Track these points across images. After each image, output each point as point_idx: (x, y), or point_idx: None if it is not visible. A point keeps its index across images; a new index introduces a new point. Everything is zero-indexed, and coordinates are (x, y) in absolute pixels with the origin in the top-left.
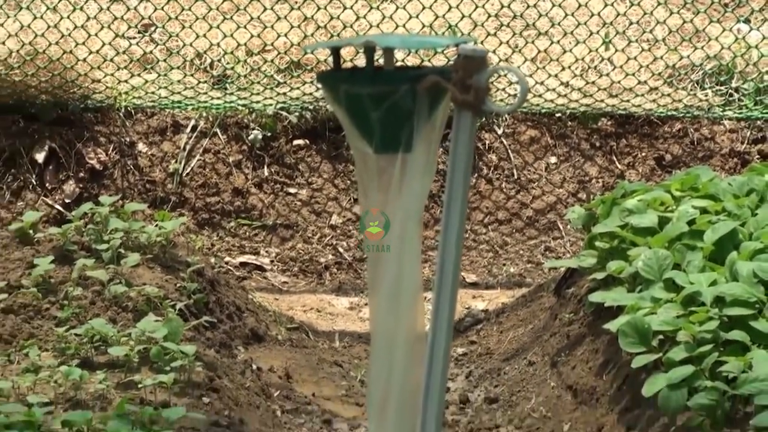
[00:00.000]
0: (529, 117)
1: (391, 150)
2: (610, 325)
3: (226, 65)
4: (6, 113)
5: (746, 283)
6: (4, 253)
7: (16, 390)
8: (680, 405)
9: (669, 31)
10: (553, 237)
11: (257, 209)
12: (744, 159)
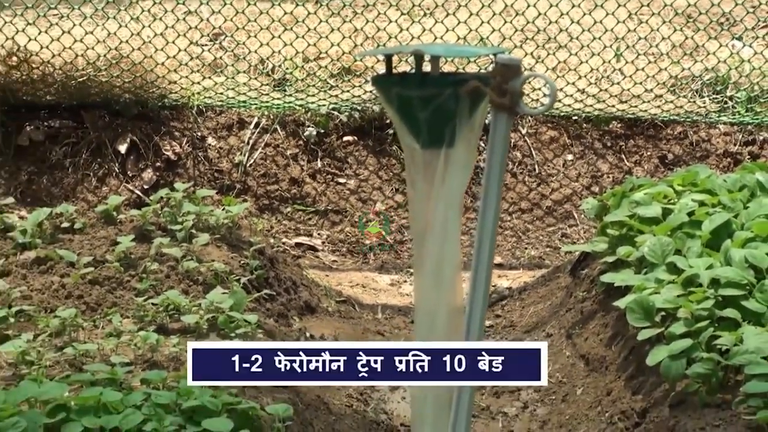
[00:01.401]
0: (549, 119)
1: (436, 146)
2: (619, 303)
3: (286, 70)
4: (94, 109)
5: (739, 268)
6: (91, 231)
7: (100, 351)
8: (680, 373)
9: (672, 46)
10: (569, 225)
11: (311, 196)
12: (736, 159)
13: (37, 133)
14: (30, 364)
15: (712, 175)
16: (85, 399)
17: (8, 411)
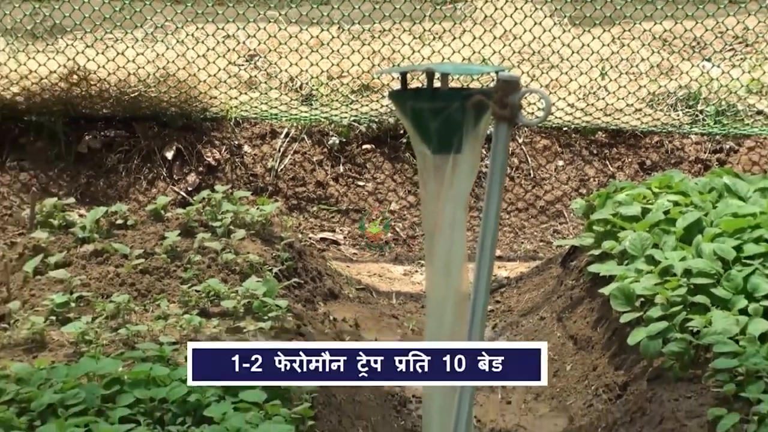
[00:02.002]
0: (543, 130)
1: (445, 152)
2: (604, 290)
3: (312, 87)
4: (144, 121)
5: (708, 260)
6: (142, 227)
7: (150, 332)
8: (657, 351)
9: (650, 66)
10: (560, 222)
11: (334, 197)
12: (706, 165)
13: (94, 141)
14: (89, 343)
15: (685, 179)
16: (136, 373)
17: (70, 384)
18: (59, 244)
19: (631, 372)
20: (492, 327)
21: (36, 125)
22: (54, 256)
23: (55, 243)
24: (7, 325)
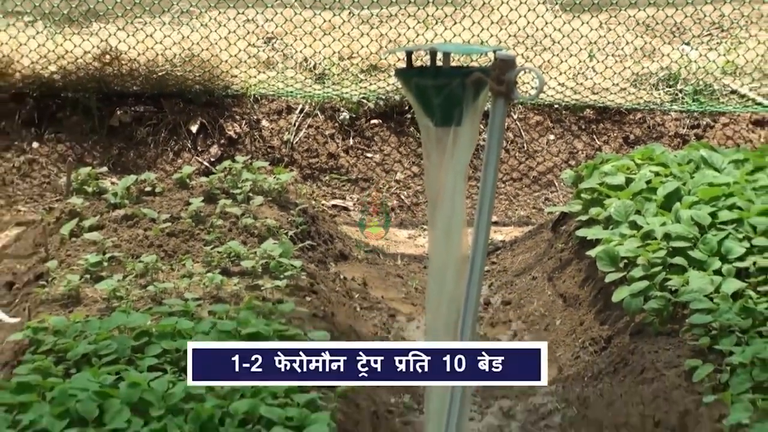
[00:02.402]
0: (536, 106)
1: (447, 125)
2: (591, 252)
3: (325, 67)
4: (171, 97)
5: (686, 225)
6: (169, 194)
7: (176, 289)
8: (638, 308)
9: (634, 49)
10: (551, 191)
11: (344, 167)
12: (684, 139)
13: (125, 116)
14: (120, 299)
15: (665, 151)
16: (163, 326)
17: (103, 335)
18: (93, 209)
19: (615, 327)
20: (488, 286)
21: (72, 101)
22: (88, 220)
23: (89, 208)
24: (45, 282)
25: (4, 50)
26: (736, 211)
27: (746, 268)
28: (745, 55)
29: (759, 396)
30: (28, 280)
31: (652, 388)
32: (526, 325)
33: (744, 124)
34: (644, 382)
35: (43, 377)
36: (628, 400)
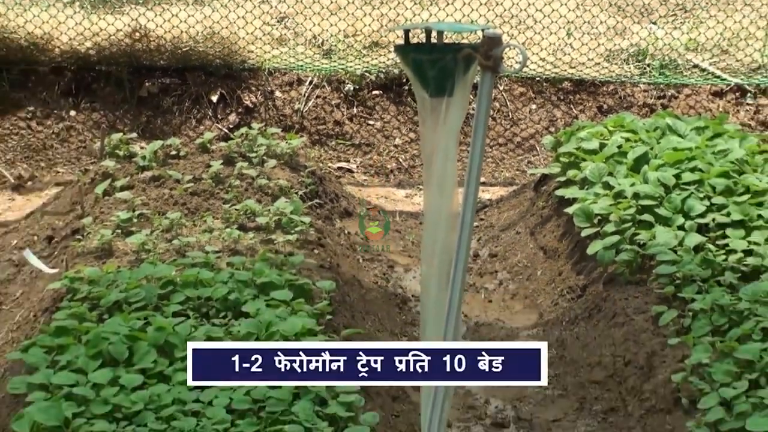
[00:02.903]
0: (520, 79)
1: (440, 95)
2: (568, 210)
3: (331, 43)
4: (194, 71)
5: (653, 185)
6: (191, 158)
7: (198, 243)
8: (610, 260)
9: (608, 28)
10: (533, 155)
11: (349, 134)
12: (652, 108)
13: (153, 87)
14: (148, 251)
15: (634, 120)
16: (186, 276)
17: (133, 284)
18: (124, 171)
19: (590, 276)
20: (477, 239)
21: (105, 74)
22: (119, 181)
23: (120, 170)
24: (81, 236)
25: (45, 28)
26: (698, 172)
27: (706, 224)
28: (706, 33)
29: (717, 339)
30: (65, 234)
31: (622, 331)
32: (510, 275)
33: (704, 95)
34: (615, 326)
35: (79, 322)
36: (601, 342)
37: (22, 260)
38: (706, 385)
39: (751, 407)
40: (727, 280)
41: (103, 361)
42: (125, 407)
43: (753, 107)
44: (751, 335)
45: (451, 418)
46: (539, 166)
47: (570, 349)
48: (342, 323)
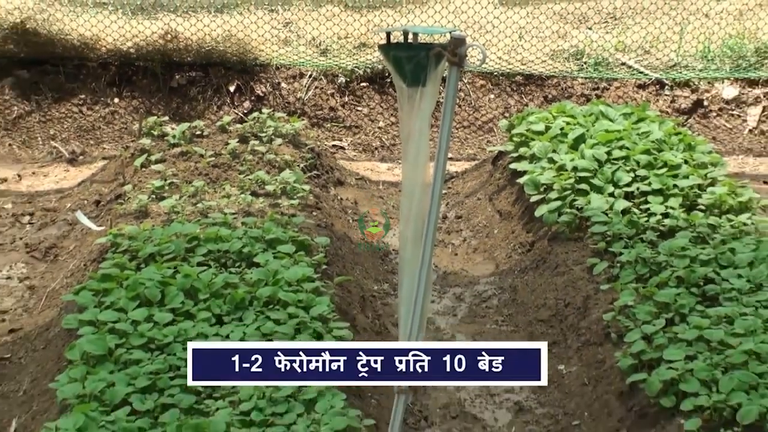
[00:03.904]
0: (480, 74)
1: (415, 85)
2: (520, 180)
3: (327, 44)
4: (215, 66)
5: (588, 160)
6: (213, 137)
7: (218, 206)
8: (554, 220)
9: (552, 32)
10: (491, 135)
11: (341, 118)
12: (588, 98)
13: (181, 79)
14: (177, 213)
15: (573, 107)
16: (208, 233)
17: (164, 240)
18: (157, 147)
19: (537, 234)
20: (445, 204)
21: (142, 68)
22: (154, 155)
23: (154, 146)
24: (122, 201)
25: (94, 31)
26: (625, 150)
27: (632, 192)
28: (632, 37)
29: (640, 285)
30: (110, 199)
31: (563, 279)
32: (472, 233)
33: (630, 88)
34: (558, 275)
35: (120, 270)
36: (546, 288)
37: (75, 220)
38: (631, 322)
39: (667, 341)
40: (648, 237)
41: (140, 302)
42: (158, 339)
43: (669, 97)
44: (667, 282)
45: None
46: (496, 145)
47: (521, 293)
48: (335, 272)
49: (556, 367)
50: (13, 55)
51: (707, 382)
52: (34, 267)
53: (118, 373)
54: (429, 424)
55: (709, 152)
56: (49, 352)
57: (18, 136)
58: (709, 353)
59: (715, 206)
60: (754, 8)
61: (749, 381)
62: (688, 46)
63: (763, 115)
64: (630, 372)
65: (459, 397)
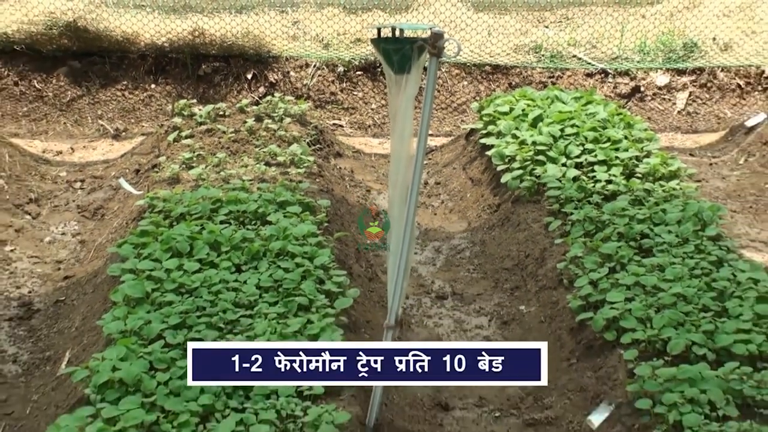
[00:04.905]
0: (456, 64)
1: (402, 72)
2: (488, 153)
3: (329, 39)
4: (235, 57)
5: (545, 136)
6: (233, 116)
7: (237, 174)
8: (516, 186)
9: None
10: (465, 115)
11: (340, 101)
12: (545, 84)
13: (207, 69)
14: (203, 180)
15: (533, 92)
16: (229, 197)
17: (193, 202)
18: (187, 125)
19: (502, 198)
20: (427, 172)
21: (175, 59)
22: (184, 132)
23: (185, 124)
24: (158, 169)
25: (134, 28)
26: (575, 127)
27: (581, 162)
28: (581, 34)
29: (588, 240)
30: (147, 168)
31: (524, 234)
32: (449, 196)
33: (580, 76)
34: (519, 231)
35: (156, 227)
36: (509, 242)
37: (118, 186)
38: (580, 270)
39: (609, 285)
40: (595, 200)
41: (172, 253)
42: (187, 284)
43: (612, 84)
44: (610, 237)
45: (409, 293)
46: (469, 124)
47: (488, 246)
48: (335, 228)
49: (518, 308)
50: (66, 49)
51: (643, 320)
52: (85, 225)
53: (153, 312)
54: None
55: (645, 129)
56: (96, 295)
57: (71, 116)
58: (644, 296)
59: (650, 174)
60: (682, 10)
61: (677, 319)
62: (628, 41)
63: (689, 99)
64: (579, 311)
65: (437, 332)
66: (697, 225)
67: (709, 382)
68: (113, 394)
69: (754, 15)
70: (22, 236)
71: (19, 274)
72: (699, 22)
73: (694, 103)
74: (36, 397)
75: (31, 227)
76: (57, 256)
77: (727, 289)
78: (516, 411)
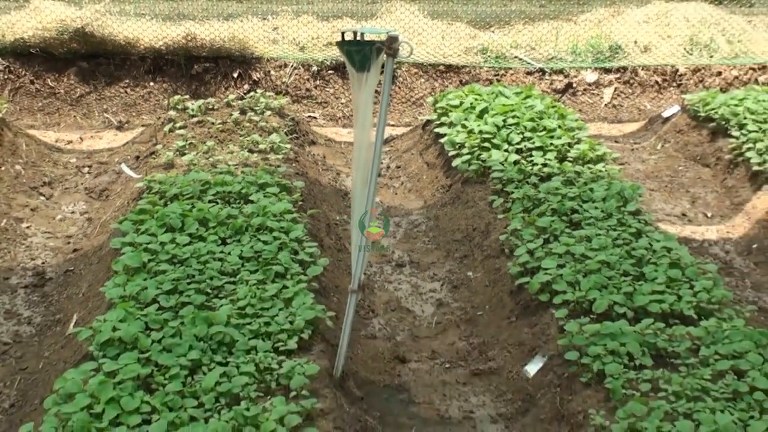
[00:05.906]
0: (414, 64)
1: (363, 70)
2: (442, 141)
3: (304, 43)
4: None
5: (491, 126)
6: (221, 109)
7: (224, 160)
8: (465, 169)
9: (466, 34)
10: (422, 108)
11: (315, 95)
12: (491, 81)
13: (199, 68)
14: (194, 165)
15: (480, 88)
16: (217, 179)
17: (185, 184)
18: (181, 117)
19: (453, 179)
20: (388, 158)
21: (171, 60)
22: (178, 123)
23: (179, 117)
24: (155, 156)
25: (135, 33)
26: (516, 118)
27: (521, 148)
28: (522, 37)
29: (526, 215)
30: (146, 155)
31: (472, 210)
32: (408, 178)
33: (521, 74)
34: (468, 208)
35: (152, 206)
36: (459, 217)
37: (121, 170)
38: (519, 241)
39: (544, 254)
40: (532, 181)
41: (166, 228)
42: (179, 255)
43: (548, 81)
44: (545, 213)
45: (372, 261)
46: (425, 115)
47: (441, 221)
48: (308, 206)
49: (466, 274)
50: (76, 51)
51: (572, 283)
52: (91, 204)
53: (149, 280)
54: (375, 314)
55: (576, 120)
56: (101, 266)
57: (80, 110)
58: (573, 263)
59: (580, 158)
60: (608, 18)
61: (602, 282)
62: (562, 44)
63: (614, 93)
64: (518, 277)
65: (397, 296)
66: (620, 202)
67: (627, 336)
68: (113, 350)
69: (669, 22)
70: (36, 215)
71: (34, 248)
72: (623, 28)
73: (618, 97)
74: (47, 354)
75: (44, 207)
76: (67, 231)
77: (644, 257)
78: (464, 362)
